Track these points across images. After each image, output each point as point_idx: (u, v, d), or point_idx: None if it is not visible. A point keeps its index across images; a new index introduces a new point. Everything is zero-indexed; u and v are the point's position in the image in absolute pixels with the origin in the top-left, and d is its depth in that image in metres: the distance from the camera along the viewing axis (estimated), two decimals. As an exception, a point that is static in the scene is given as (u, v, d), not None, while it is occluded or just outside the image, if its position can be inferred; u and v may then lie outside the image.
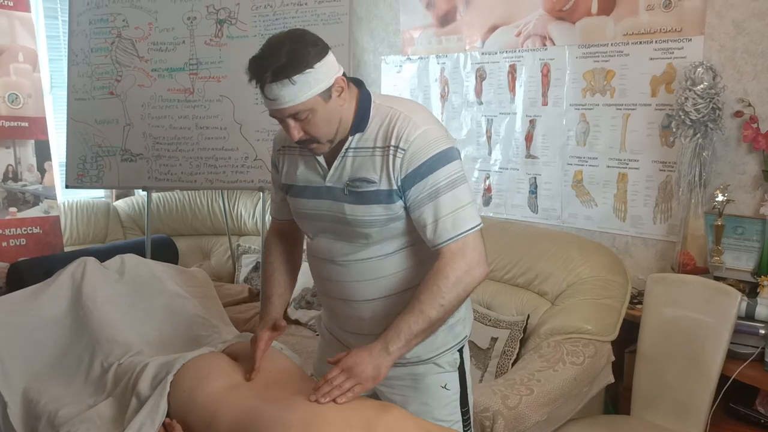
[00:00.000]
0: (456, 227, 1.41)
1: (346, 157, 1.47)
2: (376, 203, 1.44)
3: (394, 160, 1.41)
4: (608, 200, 2.94)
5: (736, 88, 2.50)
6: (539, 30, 3.09)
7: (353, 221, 1.48)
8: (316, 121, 1.40)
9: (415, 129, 1.41)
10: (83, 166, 3.46)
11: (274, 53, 1.34)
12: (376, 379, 1.41)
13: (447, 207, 1.41)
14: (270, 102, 1.38)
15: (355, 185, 1.46)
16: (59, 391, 1.81)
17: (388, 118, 1.45)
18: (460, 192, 1.43)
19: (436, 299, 1.40)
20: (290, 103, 1.36)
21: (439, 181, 1.41)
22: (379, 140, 1.44)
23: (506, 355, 2.48)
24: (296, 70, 1.33)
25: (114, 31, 3.41)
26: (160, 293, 2.18)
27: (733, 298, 2.22)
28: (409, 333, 1.40)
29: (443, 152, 1.42)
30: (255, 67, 1.37)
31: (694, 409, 2.22)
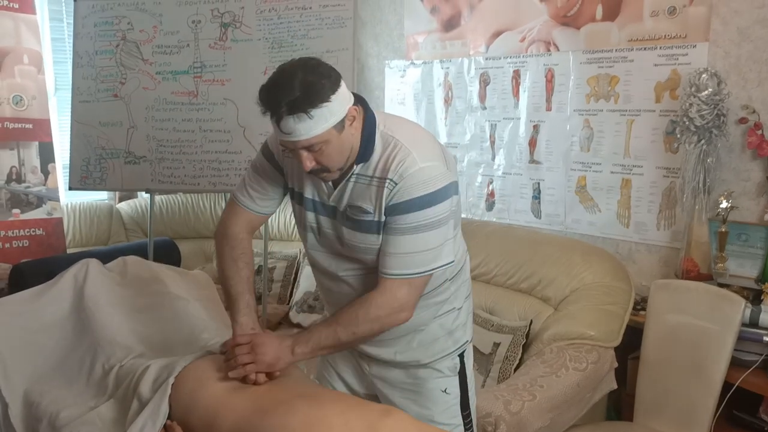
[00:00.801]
0: (404, 268, 1.42)
1: (349, 181, 1.46)
2: (369, 232, 1.45)
3: (385, 191, 1.41)
4: (612, 206, 2.93)
5: (740, 94, 2.50)
6: (543, 35, 3.09)
7: (350, 245, 1.50)
8: (330, 152, 1.38)
9: (413, 165, 1.39)
10: (87, 168, 3.46)
11: (287, 85, 1.31)
12: (271, 367, 1.50)
13: (407, 247, 1.41)
14: (284, 135, 1.35)
15: (352, 212, 1.47)
16: (60, 393, 1.81)
17: (390, 149, 1.42)
18: (430, 235, 1.41)
19: (350, 326, 1.46)
20: (305, 136, 1.34)
21: (413, 221, 1.40)
22: (378, 170, 1.43)
23: (509, 361, 2.47)
24: (313, 104, 1.31)
25: (119, 33, 3.41)
26: (163, 295, 2.17)
27: (737, 305, 2.21)
28: (317, 345, 1.49)
29: (431, 194, 1.39)
30: (269, 99, 1.34)
31: (698, 417, 2.21)
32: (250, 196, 1.64)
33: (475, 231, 2.93)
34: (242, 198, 1.66)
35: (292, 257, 3.71)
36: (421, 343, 1.60)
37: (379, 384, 1.66)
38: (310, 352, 1.50)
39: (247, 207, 1.66)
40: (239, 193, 1.66)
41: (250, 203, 1.65)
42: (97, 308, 2.02)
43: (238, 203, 1.66)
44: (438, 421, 1.61)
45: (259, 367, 1.49)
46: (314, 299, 3.38)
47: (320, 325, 1.51)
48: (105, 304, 2.06)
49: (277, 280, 3.73)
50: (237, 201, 1.67)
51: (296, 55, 3.40)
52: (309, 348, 1.48)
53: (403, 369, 1.61)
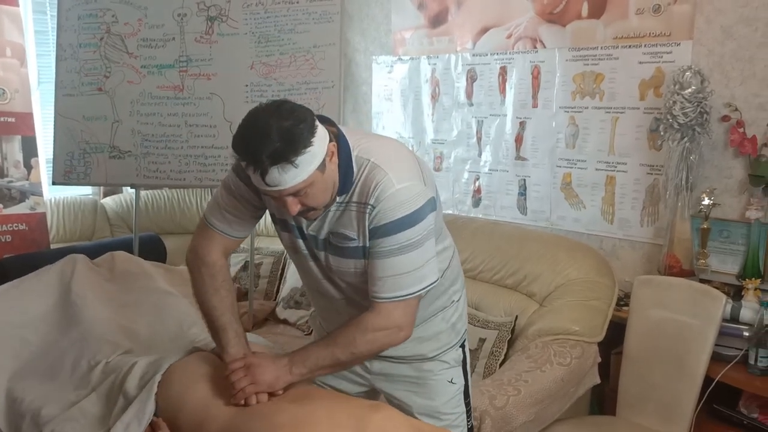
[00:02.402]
0: (394, 290, 1.41)
1: (328, 210, 1.44)
2: (356, 258, 1.45)
3: (366, 216, 1.40)
4: (596, 203, 2.96)
5: (723, 92, 2.53)
6: (530, 32, 3.10)
7: (337, 272, 1.50)
8: (315, 193, 1.35)
9: (389, 187, 1.37)
10: (70, 163, 3.44)
11: (265, 134, 1.26)
12: (271, 387, 1.46)
13: (394, 269, 1.40)
14: (269, 187, 1.31)
15: (335, 240, 1.45)
16: (43, 389, 1.80)
17: (366, 172, 1.40)
18: (413, 256, 1.40)
19: (349, 348, 1.45)
20: (291, 184, 1.30)
21: (395, 243, 1.39)
22: (356, 195, 1.41)
23: (494, 356, 2.49)
24: (296, 152, 1.27)
25: (103, 26, 3.38)
26: (151, 291, 2.17)
27: (718, 300, 2.24)
28: (315, 365, 1.47)
29: (409, 216, 1.38)
30: (248, 151, 1.28)
31: (679, 411, 2.24)
32: (226, 221, 1.56)
33: (462, 227, 2.94)
34: (217, 223, 1.56)
35: (279, 253, 3.70)
36: (425, 337, 1.61)
37: (381, 381, 1.66)
38: (308, 372, 1.47)
39: (223, 232, 1.57)
40: (213, 218, 1.57)
41: (227, 228, 1.57)
42: (85, 304, 2.02)
43: (212, 228, 1.57)
44: (444, 411, 1.63)
45: (259, 387, 1.45)
46: (301, 295, 3.38)
47: (316, 346, 1.49)
48: (92, 299, 2.05)
49: (264, 276, 3.72)
50: (211, 226, 1.57)
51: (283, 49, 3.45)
52: (307, 368, 1.46)
53: (409, 364, 1.62)
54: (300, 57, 3.28)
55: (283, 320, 3.38)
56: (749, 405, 2.29)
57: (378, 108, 3.84)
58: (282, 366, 1.46)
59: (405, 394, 1.63)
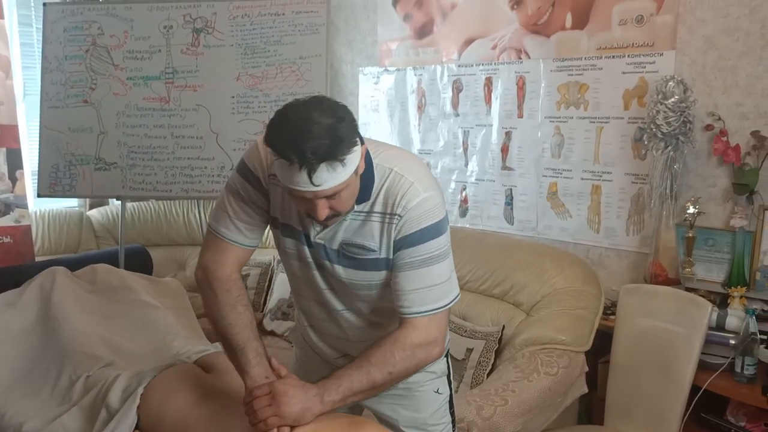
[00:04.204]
0: (427, 303, 1.37)
1: (343, 220, 1.37)
2: (374, 270, 1.40)
3: (391, 225, 1.35)
4: (582, 212, 2.97)
5: (706, 102, 2.55)
6: (515, 43, 3.12)
7: (349, 284, 1.43)
8: (347, 197, 1.29)
9: (416, 195, 1.34)
10: (56, 175, 3.42)
11: (311, 132, 1.17)
12: (298, 420, 1.32)
13: (424, 281, 1.37)
14: (313, 186, 1.21)
15: (351, 251, 1.39)
16: (24, 404, 1.77)
17: (389, 181, 1.35)
18: (441, 267, 1.38)
19: (386, 366, 1.36)
20: (335, 184, 1.22)
21: (425, 252, 1.35)
22: (379, 205, 1.36)
23: (481, 366, 2.49)
24: (344, 150, 1.20)
25: (89, 38, 3.38)
26: (133, 303, 2.15)
27: (704, 309, 2.25)
28: (349, 390, 1.35)
29: (436, 224, 1.36)
30: (294, 149, 1.17)
31: (667, 419, 2.24)
32: (238, 229, 1.45)
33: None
34: (229, 232, 1.45)
35: (266, 264, 3.68)
36: None
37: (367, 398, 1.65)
38: (341, 400, 1.35)
39: (236, 242, 1.46)
40: (223, 229, 1.45)
41: (239, 237, 1.46)
42: (65, 317, 2.00)
43: (224, 239, 1.45)
44: (430, 422, 1.61)
45: (284, 420, 1.31)
46: (288, 306, 3.36)
47: (349, 369, 1.36)
48: (73, 312, 2.03)
49: (251, 287, 3.70)
50: (222, 236, 1.45)
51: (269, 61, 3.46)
52: (340, 395, 1.34)
53: None
54: (286, 68, 3.29)
55: (270, 332, 3.36)
56: (736, 413, 2.29)
57: (365, 119, 3.85)
58: (312, 396, 1.33)
59: (391, 407, 1.61)
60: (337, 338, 1.57)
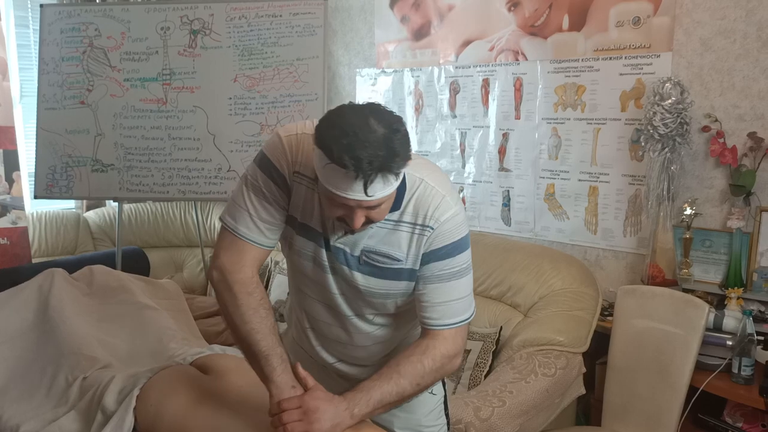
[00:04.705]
0: (453, 316, 1.38)
1: (370, 227, 1.33)
2: (396, 279, 1.38)
3: (422, 237, 1.34)
4: (580, 213, 2.97)
5: (703, 103, 2.56)
6: (512, 45, 3.13)
7: (366, 292, 1.40)
8: (385, 209, 1.27)
9: (448, 209, 1.33)
10: (53, 177, 3.41)
11: (369, 142, 1.13)
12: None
13: (451, 294, 1.38)
14: (359, 194, 1.17)
15: (374, 258, 1.36)
16: (21, 406, 1.77)
17: (420, 191, 1.33)
18: (466, 281, 1.40)
19: (416, 377, 1.36)
20: (383, 195, 1.20)
21: (454, 266, 1.36)
22: (408, 215, 1.34)
23: (479, 367, 2.48)
24: (401, 164, 1.18)
25: (86, 40, 3.38)
26: (130, 305, 2.15)
27: (701, 310, 2.25)
28: (379, 403, 1.34)
29: (463, 239, 1.37)
30: (353, 158, 1.13)
31: (664, 420, 2.24)
32: (258, 229, 1.38)
33: (446, 238, 2.94)
34: (249, 232, 1.38)
35: (263, 266, 3.68)
36: None
37: None
38: (369, 413, 1.35)
39: (256, 242, 1.39)
40: (242, 228, 1.38)
41: (260, 237, 1.39)
42: (62, 318, 1.99)
43: (243, 239, 1.38)
44: (425, 424, 1.61)
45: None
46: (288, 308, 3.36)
47: (378, 381, 1.35)
48: (70, 314, 2.03)
49: (248, 288, 3.70)
50: (242, 236, 1.38)
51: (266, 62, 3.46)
52: (370, 407, 1.33)
53: None
54: (284, 70, 3.28)
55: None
56: (733, 414, 2.29)
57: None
58: (342, 410, 1.31)
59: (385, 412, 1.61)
60: (340, 343, 1.54)
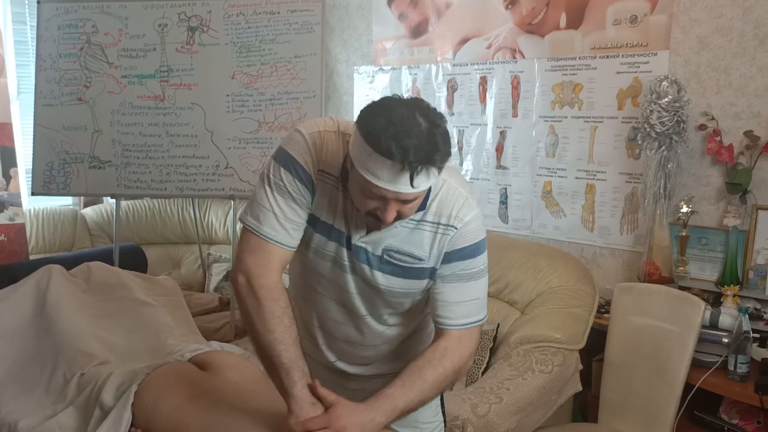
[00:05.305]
0: (470, 315, 1.40)
1: (392, 227, 1.32)
2: (418, 278, 1.39)
3: (445, 237, 1.35)
4: (577, 211, 2.98)
5: (700, 102, 2.56)
6: (509, 43, 3.13)
7: (387, 291, 1.40)
8: (416, 204, 1.26)
9: (470, 210, 1.35)
10: (50, 173, 3.41)
11: (415, 135, 1.14)
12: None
13: (469, 294, 1.39)
14: (401, 185, 1.17)
15: (396, 258, 1.36)
16: (19, 402, 1.77)
17: (443, 191, 1.34)
18: (483, 283, 1.42)
19: (438, 382, 1.37)
20: (419, 190, 1.20)
21: (474, 267, 1.38)
22: (431, 215, 1.34)
23: (476, 364, 2.49)
24: (443, 158, 1.19)
25: (83, 36, 3.37)
26: (128, 301, 2.15)
27: (697, 307, 2.26)
28: (402, 411, 1.35)
29: (483, 240, 1.39)
30: (400, 149, 1.13)
31: (660, 417, 2.25)
32: (285, 230, 1.33)
33: (443, 236, 2.95)
34: (275, 234, 1.33)
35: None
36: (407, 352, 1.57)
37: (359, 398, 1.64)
38: (393, 420, 1.35)
39: (283, 244, 1.34)
40: (268, 229, 1.32)
41: (286, 238, 1.34)
42: (59, 315, 1.99)
43: (269, 240, 1.33)
44: (422, 420, 1.61)
45: None
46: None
47: (402, 389, 1.34)
48: (68, 310, 2.03)
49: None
50: (267, 238, 1.33)
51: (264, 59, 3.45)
52: (394, 416, 1.34)
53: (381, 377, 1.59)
54: (281, 67, 3.28)
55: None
56: (729, 411, 2.31)
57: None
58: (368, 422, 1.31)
59: None
60: (349, 342, 1.52)
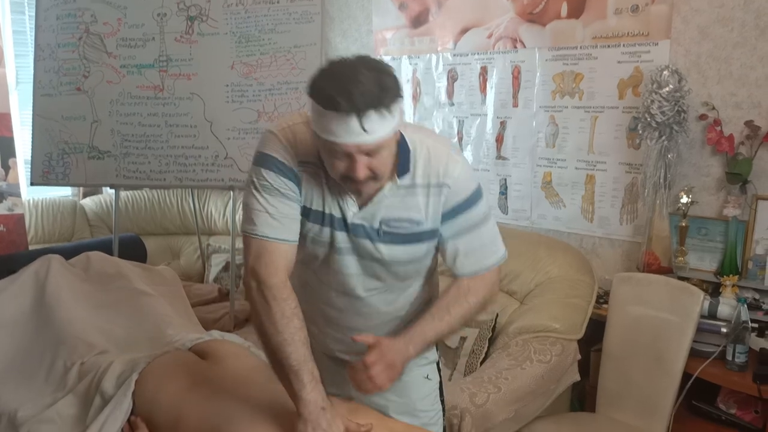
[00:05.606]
0: (486, 258, 1.44)
1: (383, 196, 1.36)
2: (419, 242, 1.41)
3: (439, 197, 1.38)
4: (576, 201, 2.97)
5: (700, 91, 2.55)
6: (510, 32, 3.12)
7: (392, 261, 1.42)
8: (386, 157, 1.27)
9: (456, 164, 1.38)
10: (49, 163, 3.40)
11: (359, 81, 1.17)
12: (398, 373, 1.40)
13: (480, 240, 1.43)
14: (356, 134, 1.20)
15: (394, 226, 1.38)
16: (19, 391, 1.78)
17: (426, 152, 1.37)
18: (491, 225, 1.45)
19: (464, 315, 1.44)
20: (378, 137, 1.22)
21: (477, 215, 1.41)
22: (420, 176, 1.37)
23: (475, 354, 2.50)
24: (393, 99, 1.22)
25: (82, 26, 3.35)
26: (127, 291, 2.15)
27: (696, 297, 2.26)
28: (431, 343, 1.45)
29: (478, 188, 1.42)
30: (344, 94, 1.17)
31: (658, 406, 2.26)
32: (282, 225, 1.36)
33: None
34: (274, 231, 1.35)
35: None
36: None
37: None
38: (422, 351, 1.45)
39: (283, 239, 1.36)
40: (266, 229, 1.35)
41: (285, 233, 1.37)
42: (59, 304, 1.99)
43: (269, 239, 1.35)
44: (420, 408, 1.62)
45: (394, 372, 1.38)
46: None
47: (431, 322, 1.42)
48: (67, 300, 2.03)
49: (246, 276, 3.71)
50: (266, 237, 1.35)
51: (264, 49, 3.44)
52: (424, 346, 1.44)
53: None
54: (281, 57, 3.27)
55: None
56: (727, 401, 2.31)
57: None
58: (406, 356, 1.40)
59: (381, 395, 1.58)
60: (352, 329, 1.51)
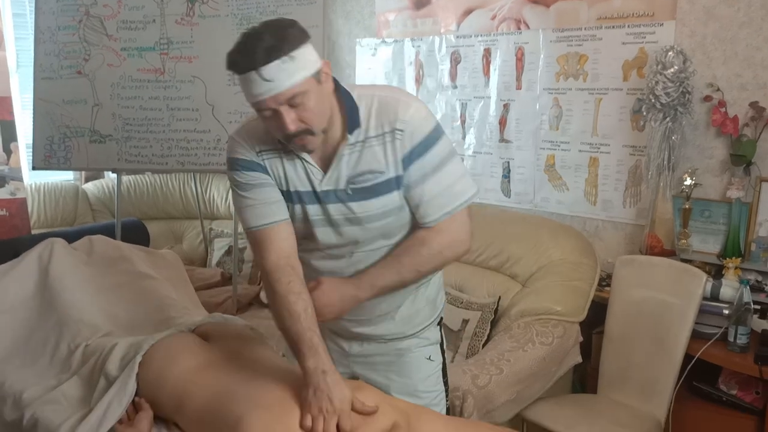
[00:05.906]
0: (446, 205, 1.42)
1: (342, 155, 1.39)
2: (388, 193, 1.41)
3: (395, 142, 1.38)
4: (580, 184, 2.96)
5: (705, 73, 2.54)
6: (514, 13, 3.09)
7: (366, 218, 1.43)
8: (312, 107, 1.29)
9: (407, 107, 1.38)
10: (50, 147, 3.39)
11: (257, 37, 1.24)
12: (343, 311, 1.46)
13: (442, 183, 1.41)
14: (265, 87, 1.24)
15: (359, 182, 1.40)
16: (24, 373, 1.78)
17: (375, 104, 1.39)
18: (454, 165, 1.43)
19: (415, 266, 1.44)
20: (288, 84, 1.25)
21: (436, 156, 1.40)
22: (372, 129, 1.38)
23: (477, 337, 2.51)
24: (292, 47, 1.25)
25: (82, 8, 3.33)
26: (130, 274, 2.15)
27: (698, 279, 2.26)
28: (381, 290, 1.46)
29: (436, 128, 1.41)
30: (242, 54, 1.25)
31: (659, 388, 2.27)
32: (270, 209, 1.43)
33: (445, 209, 2.94)
34: (262, 219, 1.42)
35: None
36: (406, 315, 1.60)
37: (359, 365, 1.65)
38: (372, 297, 1.47)
39: (273, 221, 1.43)
40: (255, 220, 1.43)
41: (272, 216, 1.43)
42: (63, 287, 1.99)
43: (261, 227, 1.42)
44: (422, 389, 1.62)
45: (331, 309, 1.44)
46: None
47: (381, 269, 1.45)
48: (71, 282, 2.03)
49: (248, 260, 3.71)
50: (259, 227, 1.43)
51: (265, 31, 3.37)
52: (374, 292, 1.46)
53: (384, 343, 1.61)
54: (282, 39, 3.24)
55: (266, 304, 3.35)
56: (728, 382, 2.32)
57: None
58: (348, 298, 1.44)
59: (383, 374, 1.62)
60: None
